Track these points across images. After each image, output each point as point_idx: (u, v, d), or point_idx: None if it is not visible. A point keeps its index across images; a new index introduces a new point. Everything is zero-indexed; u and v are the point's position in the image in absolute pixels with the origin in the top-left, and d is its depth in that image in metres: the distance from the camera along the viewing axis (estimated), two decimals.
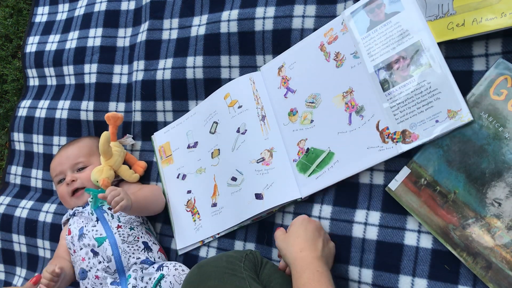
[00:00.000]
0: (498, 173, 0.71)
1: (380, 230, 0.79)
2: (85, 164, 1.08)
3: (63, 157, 1.09)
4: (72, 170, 1.07)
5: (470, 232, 0.72)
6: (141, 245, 0.99)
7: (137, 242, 0.99)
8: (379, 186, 0.82)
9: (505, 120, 0.71)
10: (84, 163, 1.08)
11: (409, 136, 0.77)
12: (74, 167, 1.07)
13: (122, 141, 1.14)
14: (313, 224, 0.80)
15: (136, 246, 0.98)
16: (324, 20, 0.91)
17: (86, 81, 1.25)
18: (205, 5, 1.10)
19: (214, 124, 1.02)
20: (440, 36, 0.76)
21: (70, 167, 1.07)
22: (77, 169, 1.07)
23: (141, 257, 0.97)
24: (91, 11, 1.30)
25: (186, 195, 1.05)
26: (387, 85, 0.80)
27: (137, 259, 0.97)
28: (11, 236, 1.27)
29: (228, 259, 0.79)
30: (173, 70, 1.09)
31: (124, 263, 0.95)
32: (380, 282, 0.78)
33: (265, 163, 0.92)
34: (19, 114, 1.38)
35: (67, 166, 1.07)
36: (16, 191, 1.35)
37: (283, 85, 0.95)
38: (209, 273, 0.75)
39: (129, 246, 0.97)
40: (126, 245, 0.97)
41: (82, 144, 1.12)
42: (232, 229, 0.97)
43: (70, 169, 1.07)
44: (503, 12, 0.69)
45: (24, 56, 1.42)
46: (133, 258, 0.96)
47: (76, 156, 1.08)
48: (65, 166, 1.07)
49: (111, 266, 0.95)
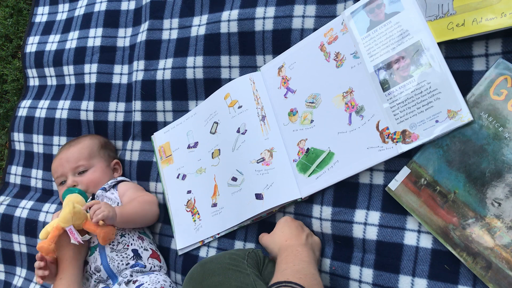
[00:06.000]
0: (498, 173, 0.71)
1: (380, 230, 0.79)
2: (86, 168, 1.08)
3: (63, 159, 1.09)
4: (74, 173, 1.07)
5: (470, 232, 0.72)
6: (130, 253, 0.97)
7: (126, 250, 0.97)
8: (379, 186, 0.82)
9: (505, 120, 0.71)
10: (85, 166, 1.08)
11: (409, 136, 0.77)
12: (75, 170, 1.07)
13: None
14: (296, 222, 0.87)
15: (125, 254, 0.97)
16: (324, 20, 0.91)
17: (86, 81, 1.25)
18: (205, 5, 1.10)
19: (215, 124, 1.02)
20: (440, 36, 0.76)
21: (71, 170, 1.07)
22: (78, 172, 1.07)
23: (130, 263, 0.96)
24: (91, 11, 1.30)
25: (186, 195, 1.05)
26: (387, 85, 0.80)
27: (127, 265, 0.96)
28: (11, 236, 1.27)
29: (231, 256, 0.78)
30: (173, 70, 1.09)
31: (114, 270, 0.95)
32: (380, 282, 0.78)
33: (265, 163, 0.92)
34: (19, 114, 1.38)
35: (68, 169, 1.07)
36: (16, 191, 1.35)
37: (283, 85, 0.95)
38: (213, 270, 0.74)
39: (117, 255, 0.96)
40: (115, 253, 0.96)
41: (82, 145, 1.12)
42: (232, 229, 0.97)
43: (71, 172, 1.07)
44: (503, 12, 0.69)
45: (24, 56, 1.42)
46: (122, 264, 0.96)
47: (77, 159, 1.08)
48: (66, 169, 1.08)
49: (102, 274, 0.95)
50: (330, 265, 0.84)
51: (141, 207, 1.02)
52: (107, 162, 1.12)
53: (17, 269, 1.28)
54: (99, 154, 1.11)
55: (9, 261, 1.29)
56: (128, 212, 0.97)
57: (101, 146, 1.14)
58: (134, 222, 1.01)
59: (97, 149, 1.12)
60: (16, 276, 1.27)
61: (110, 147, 1.18)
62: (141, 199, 1.04)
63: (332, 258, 0.84)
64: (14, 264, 1.29)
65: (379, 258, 0.79)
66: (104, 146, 1.15)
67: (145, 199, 1.05)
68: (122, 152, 1.20)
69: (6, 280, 1.28)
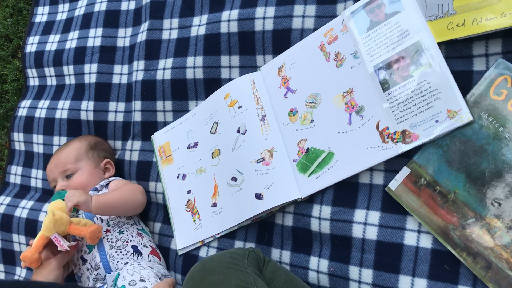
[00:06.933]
0: (498, 173, 0.71)
1: (380, 230, 0.79)
2: (73, 171, 1.08)
3: (52, 164, 1.11)
4: (62, 178, 1.08)
5: (470, 232, 0.72)
6: (130, 249, 0.97)
7: (126, 246, 0.97)
8: (379, 186, 0.82)
9: (505, 120, 0.71)
10: (71, 170, 1.08)
11: (409, 136, 0.77)
12: (63, 174, 1.08)
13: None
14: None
15: (125, 251, 0.97)
16: (324, 20, 0.91)
17: (86, 81, 1.25)
18: (205, 5, 1.10)
19: (215, 124, 1.02)
20: (440, 36, 0.76)
21: (60, 174, 1.08)
22: (66, 176, 1.08)
23: (129, 262, 0.96)
24: (91, 11, 1.30)
25: (186, 195, 1.05)
26: (387, 85, 0.80)
27: (125, 264, 0.95)
28: (11, 236, 1.27)
29: (231, 255, 0.78)
30: (173, 70, 1.09)
31: (113, 269, 0.95)
32: (380, 282, 0.78)
33: (265, 163, 0.92)
34: (19, 114, 1.38)
35: (57, 173, 1.09)
36: (16, 191, 1.35)
37: (283, 85, 0.95)
38: (213, 268, 0.74)
39: (117, 252, 0.96)
40: (114, 250, 0.96)
41: (69, 149, 1.12)
42: (232, 229, 0.97)
43: (60, 176, 1.08)
44: (503, 12, 0.69)
45: (24, 56, 1.42)
46: (121, 263, 0.95)
47: (64, 164, 1.09)
48: (55, 174, 1.09)
49: (101, 272, 0.95)
50: (328, 266, 0.84)
51: (121, 193, 1.01)
52: (96, 163, 1.12)
53: (17, 269, 1.28)
54: (87, 156, 1.11)
55: (9, 261, 1.29)
56: (106, 198, 0.97)
57: (90, 148, 1.13)
58: (113, 208, 0.99)
59: (85, 151, 1.11)
60: (16, 276, 1.27)
61: (101, 147, 1.17)
62: (122, 188, 1.04)
63: (330, 259, 0.84)
64: (14, 264, 1.29)
65: (379, 258, 0.79)
66: (94, 147, 1.14)
67: (127, 187, 1.05)
68: (121, 152, 1.20)
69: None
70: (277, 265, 0.84)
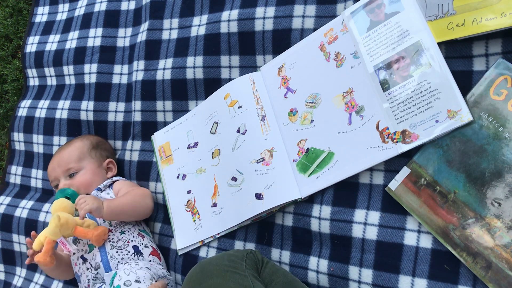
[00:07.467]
0: (498, 173, 0.71)
1: (380, 230, 0.79)
2: (76, 170, 1.08)
3: (55, 163, 1.10)
4: (65, 177, 1.08)
5: (470, 232, 0.72)
6: (130, 249, 0.97)
7: (127, 247, 0.97)
8: (379, 186, 0.82)
9: (505, 120, 0.71)
10: (74, 169, 1.08)
11: (409, 136, 0.77)
12: (66, 173, 1.08)
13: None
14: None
15: (126, 251, 0.96)
16: (324, 20, 0.91)
17: (86, 81, 1.25)
18: (205, 5, 1.10)
19: (215, 124, 1.02)
20: (440, 36, 0.76)
21: (62, 173, 1.08)
22: (69, 175, 1.08)
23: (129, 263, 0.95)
24: (91, 11, 1.30)
25: (186, 195, 1.05)
26: (387, 85, 0.80)
27: (125, 264, 0.95)
28: (11, 236, 1.27)
29: (229, 257, 0.79)
30: (173, 70, 1.09)
31: (113, 268, 0.95)
32: (380, 282, 0.78)
33: (265, 163, 0.92)
34: (19, 114, 1.38)
35: (59, 172, 1.08)
36: (16, 191, 1.35)
37: (283, 85, 0.95)
38: (211, 271, 0.75)
39: (118, 252, 0.96)
40: (115, 250, 0.96)
41: (72, 148, 1.12)
42: (232, 229, 0.97)
43: (62, 175, 1.08)
44: (503, 12, 0.69)
45: (24, 56, 1.42)
46: (122, 264, 0.95)
47: (67, 163, 1.08)
48: (58, 173, 1.09)
49: (101, 272, 0.95)
50: (328, 266, 0.84)
51: (132, 199, 1.01)
52: (99, 162, 1.12)
53: (17, 269, 1.28)
54: (90, 155, 1.11)
55: (9, 261, 1.29)
56: (116, 204, 0.97)
57: (92, 147, 1.13)
58: (124, 214, 0.99)
59: (87, 150, 1.12)
60: (16, 276, 1.27)
61: (103, 146, 1.17)
62: (132, 192, 1.04)
63: (330, 259, 0.84)
64: (14, 264, 1.29)
65: (379, 258, 0.79)
66: (96, 146, 1.14)
67: (137, 192, 1.05)
68: (121, 152, 1.20)
69: (6, 280, 1.28)
70: (275, 266, 0.84)
